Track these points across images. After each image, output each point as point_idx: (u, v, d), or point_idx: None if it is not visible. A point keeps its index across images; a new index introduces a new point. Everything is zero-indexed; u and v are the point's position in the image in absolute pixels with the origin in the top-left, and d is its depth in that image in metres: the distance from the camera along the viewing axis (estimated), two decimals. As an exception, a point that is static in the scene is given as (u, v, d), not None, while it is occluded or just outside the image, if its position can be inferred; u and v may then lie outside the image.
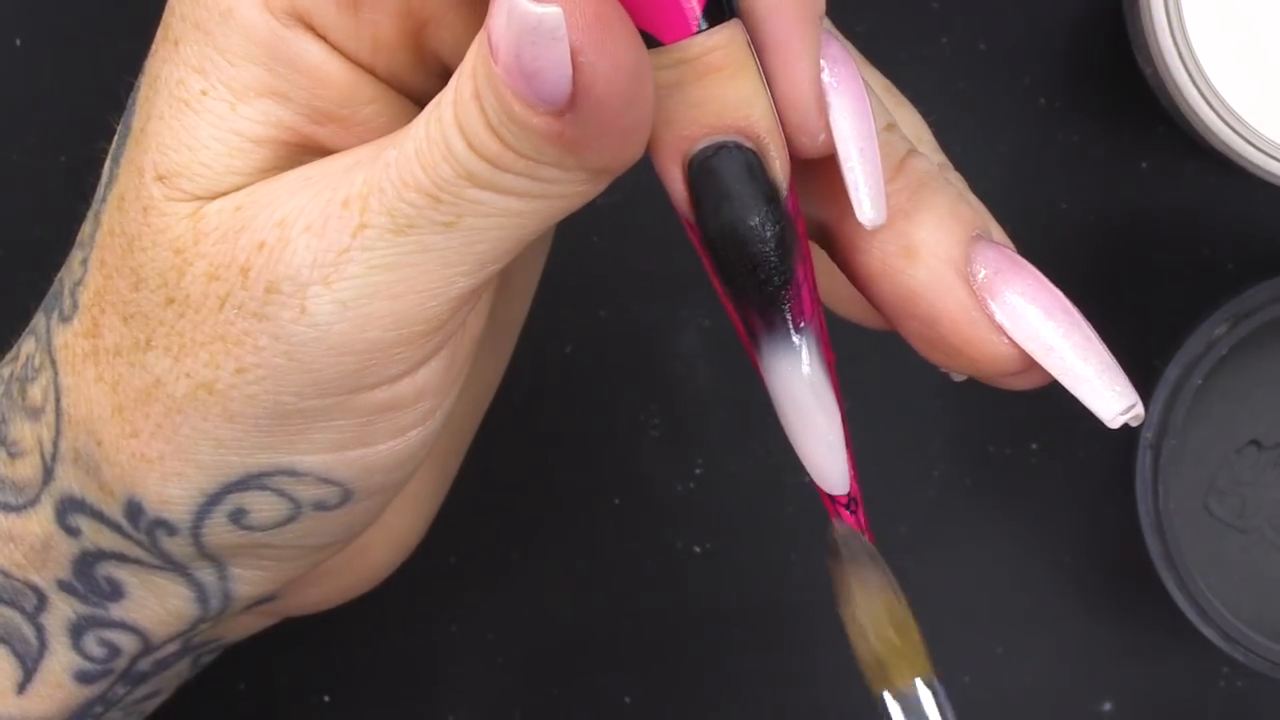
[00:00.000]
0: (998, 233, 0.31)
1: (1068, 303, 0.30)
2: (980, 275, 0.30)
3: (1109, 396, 0.29)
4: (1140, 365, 0.45)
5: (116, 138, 0.32)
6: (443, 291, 0.29)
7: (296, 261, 0.29)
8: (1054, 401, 0.46)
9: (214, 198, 0.30)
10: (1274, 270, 0.43)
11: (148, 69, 0.31)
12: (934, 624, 0.47)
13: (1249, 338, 0.42)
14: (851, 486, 0.32)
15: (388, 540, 0.38)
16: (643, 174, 0.29)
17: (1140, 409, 0.30)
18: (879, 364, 0.44)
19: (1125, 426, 0.30)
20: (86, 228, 0.32)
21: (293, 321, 0.29)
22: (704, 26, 0.27)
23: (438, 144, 0.28)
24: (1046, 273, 0.30)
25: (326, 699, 0.46)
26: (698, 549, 0.46)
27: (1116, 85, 0.46)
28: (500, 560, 0.46)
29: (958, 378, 0.33)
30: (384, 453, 0.31)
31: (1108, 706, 0.46)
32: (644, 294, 0.46)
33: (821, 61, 0.29)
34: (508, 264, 0.29)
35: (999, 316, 0.29)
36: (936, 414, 0.46)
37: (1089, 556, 0.46)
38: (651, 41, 0.27)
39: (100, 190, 0.32)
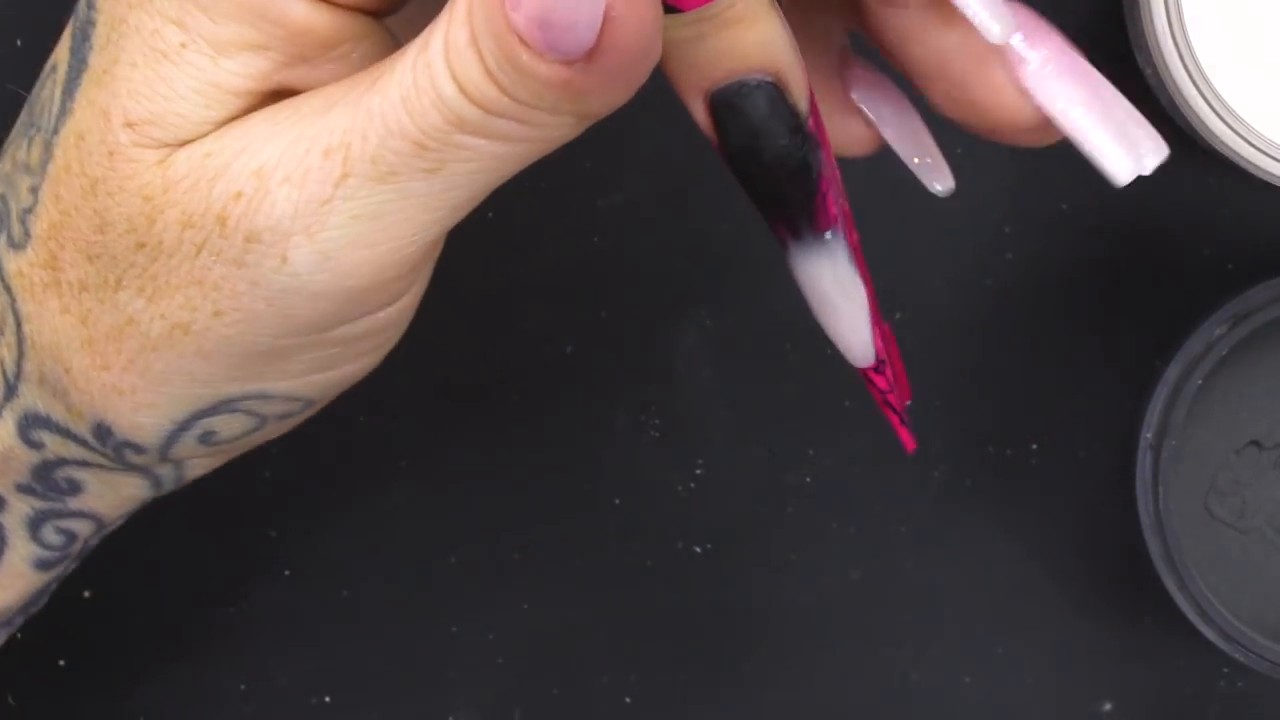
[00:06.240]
0: None
1: (1090, 67, 0.31)
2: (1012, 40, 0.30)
3: (1119, 153, 0.31)
4: (1140, 365, 0.45)
5: (67, 67, 0.31)
6: (420, 237, 0.29)
7: (277, 213, 0.29)
8: (1054, 401, 0.46)
9: (182, 145, 0.30)
10: (1274, 270, 0.43)
11: (104, 8, 0.30)
12: (934, 624, 0.47)
13: (1249, 338, 0.42)
14: (878, 349, 0.33)
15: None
16: (643, 175, 0.29)
17: (1163, 151, 0.31)
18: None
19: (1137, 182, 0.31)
20: (34, 152, 0.32)
21: (274, 271, 0.29)
22: None
23: (426, 90, 0.28)
24: (1047, 273, 0.30)
25: (327, 699, 0.46)
26: (698, 549, 0.46)
27: (1116, 85, 0.46)
28: (500, 560, 0.46)
29: (939, 188, 0.33)
30: (349, 372, 0.32)
31: (1108, 706, 0.46)
32: (644, 294, 0.46)
33: None
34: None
35: (1027, 83, 0.31)
36: (936, 414, 0.46)
37: (1089, 556, 0.46)
38: (669, 9, 0.28)
39: (48, 118, 0.31)
